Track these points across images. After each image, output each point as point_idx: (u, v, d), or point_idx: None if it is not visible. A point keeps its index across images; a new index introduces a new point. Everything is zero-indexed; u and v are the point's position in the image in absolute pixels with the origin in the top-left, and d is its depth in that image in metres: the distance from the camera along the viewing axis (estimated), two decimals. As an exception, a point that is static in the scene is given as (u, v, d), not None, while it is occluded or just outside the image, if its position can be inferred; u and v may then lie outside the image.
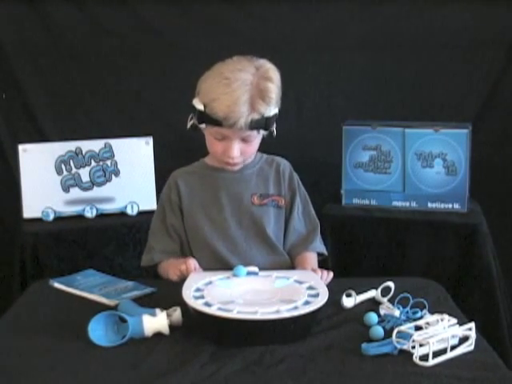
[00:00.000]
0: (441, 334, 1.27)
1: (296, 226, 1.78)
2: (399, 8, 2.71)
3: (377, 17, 2.73)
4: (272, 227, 1.74)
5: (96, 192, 2.47)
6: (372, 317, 1.41)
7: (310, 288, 1.43)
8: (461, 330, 1.30)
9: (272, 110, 1.62)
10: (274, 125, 1.68)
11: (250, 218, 1.72)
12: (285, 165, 1.81)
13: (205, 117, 1.62)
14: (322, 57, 2.76)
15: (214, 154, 1.71)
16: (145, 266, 1.77)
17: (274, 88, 1.62)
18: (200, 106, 1.62)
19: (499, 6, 2.66)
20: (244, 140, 1.64)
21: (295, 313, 1.30)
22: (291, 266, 1.74)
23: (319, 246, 1.81)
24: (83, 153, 2.45)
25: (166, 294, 1.51)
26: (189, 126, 1.70)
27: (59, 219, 2.43)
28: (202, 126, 1.65)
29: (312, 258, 1.77)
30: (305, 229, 1.80)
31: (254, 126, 1.60)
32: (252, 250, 1.71)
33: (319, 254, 1.81)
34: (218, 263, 1.67)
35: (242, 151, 1.66)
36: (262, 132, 1.66)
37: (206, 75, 1.66)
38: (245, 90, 1.57)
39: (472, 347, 1.29)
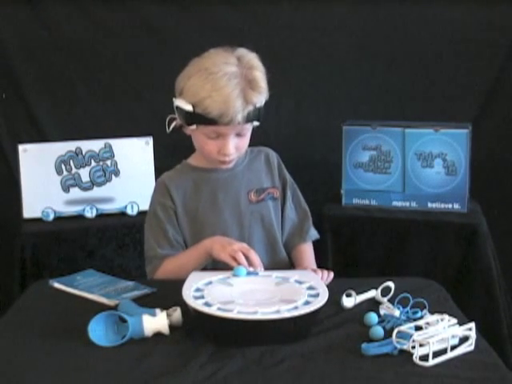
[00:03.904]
0: (441, 334, 1.26)
1: (290, 215, 1.77)
2: (399, 8, 2.72)
3: (377, 17, 2.73)
4: (273, 222, 1.73)
5: (96, 192, 2.47)
6: (372, 317, 1.41)
7: (310, 288, 1.43)
8: (461, 330, 1.30)
9: (263, 100, 1.60)
10: None
11: (251, 216, 1.70)
12: (272, 154, 1.78)
13: (195, 117, 1.57)
14: (322, 57, 2.76)
15: (207, 155, 1.66)
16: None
17: (262, 76, 1.59)
18: (188, 107, 1.57)
19: (499, 5, 2.66)
20: (238, 134, 1.61)
21: (295, 313, 1.29)
22: (288, 263, 1.74)
23: (313, 232, 1.80)
24: (83, 153, 2.45)
25: (166, 294, 1.51)
26: (170, 129, 1.65)
27: (59, 219, 2.43)
28: (193, 127, 1.61)
29: (309, 252, 1.77)
30: (297, 217, 1.79)
31: (251, 118, 1.58)
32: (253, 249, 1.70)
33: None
34: (218, 264, 1.64)
35: (237, 146, 1.63)
36: (254, 123, 1.64)
37: (186, 72, 1.61)
38: (235, 84, 1.53)
39: (472, 347, 1.29)
